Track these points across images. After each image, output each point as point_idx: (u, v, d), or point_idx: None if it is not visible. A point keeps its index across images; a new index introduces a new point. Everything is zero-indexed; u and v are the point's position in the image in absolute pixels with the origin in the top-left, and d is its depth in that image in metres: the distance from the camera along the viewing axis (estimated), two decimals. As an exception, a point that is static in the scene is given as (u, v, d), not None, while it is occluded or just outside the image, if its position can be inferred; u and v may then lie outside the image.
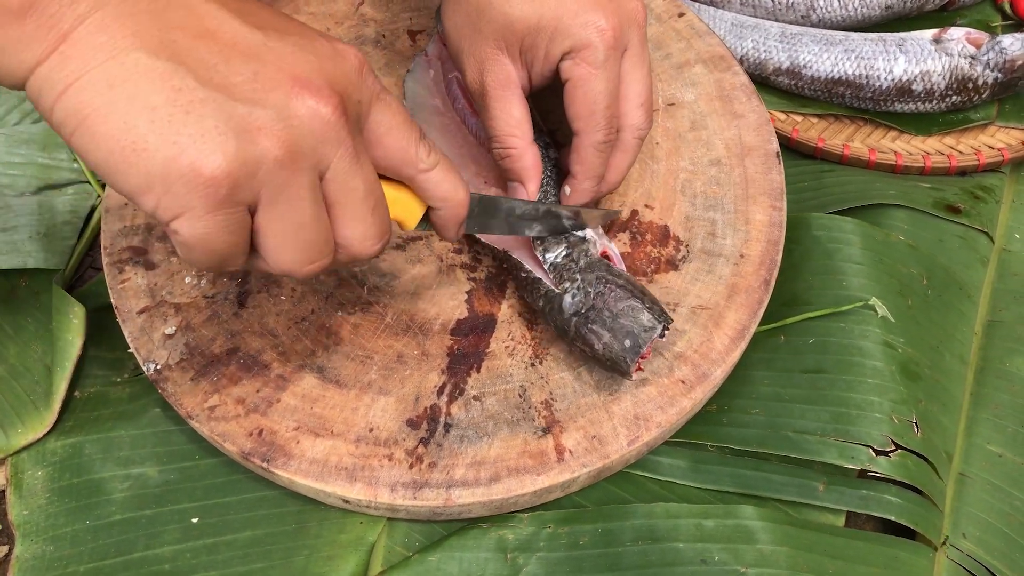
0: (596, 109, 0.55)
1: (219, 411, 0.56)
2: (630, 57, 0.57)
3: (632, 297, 0.55)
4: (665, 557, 0.56)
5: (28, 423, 0.60)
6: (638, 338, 0.54)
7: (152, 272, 0.61)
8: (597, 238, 0.59)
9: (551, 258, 0.58)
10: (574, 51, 0.54)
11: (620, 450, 0.56)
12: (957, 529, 0.60)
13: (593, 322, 0.55)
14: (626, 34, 0.56)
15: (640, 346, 0.54)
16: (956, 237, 0.73)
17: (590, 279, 0.56)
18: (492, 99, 0.58)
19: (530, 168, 0.59)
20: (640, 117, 0.58)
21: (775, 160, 0.67)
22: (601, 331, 0.55)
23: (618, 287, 0.55)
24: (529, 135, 0.58)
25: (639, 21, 0.57)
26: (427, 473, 0.54)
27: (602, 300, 0.55)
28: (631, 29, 0.56)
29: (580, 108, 0.56)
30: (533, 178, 0.59)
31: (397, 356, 0.59)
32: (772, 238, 0.64)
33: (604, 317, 0.55)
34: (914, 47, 0.78)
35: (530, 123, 0.59)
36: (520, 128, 0.58)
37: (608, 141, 0.57)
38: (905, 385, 0.63)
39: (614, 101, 0.56)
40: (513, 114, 0.58)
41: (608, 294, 0.55)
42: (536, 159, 0.59)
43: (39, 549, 0.56)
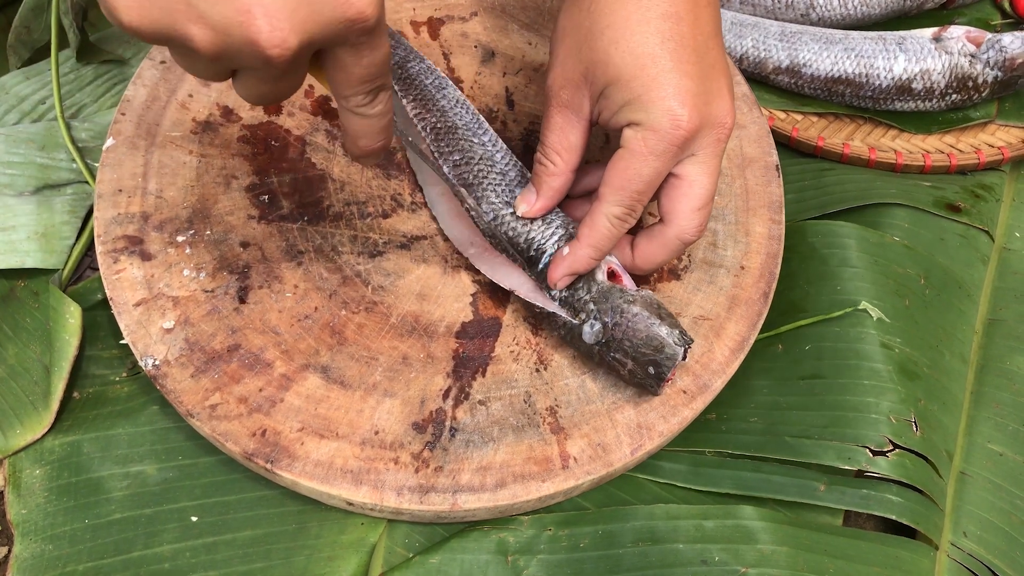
0: (627, 186, 0.54)
1: (221, 410, 0.55)
2: (696, 163, 0.55)
3: (650, 325, 0.54)
4: (665, 558, 0.56)
5: (27, 424, 0.60)
6: (662, 366, 0.54)
7: (148, 263, 0.60)
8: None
9: (556, 293, 0.57)
10: (642, 127, 0.53)
11: (623, 458, 0.56)
12: (958, 528, 0.61)
13: (615, 351, 0.55)
14: (701, 138, 0.54)
15: (665, 372, 0.54)
16: (956, 236, 0.74)
17: (605, 308, 0.55)
18: (556, 113, 0.57)
19: (554, 189, 0.58)
20: (692, 222, 0.56)
21: (775, 173, 0.68)
22: (624, 359, 0.55)
23: (635, 316, 0.54)
24: (573, 163, 0.57)
25: (720, 134, 0.54)
26: (433, 478, 0.54)
27: (620, 331, 0.54)
28: (708, 135, 0.54)
29: (614, 178, 0.54)
30: (548, 198, 0.58)
31: (402, 358, 0.58)
32: (771, 251, 0.64)
33: (625, 347, 0.55)
34: (914, 45, 0.78)
35: (580, 155, 0.58)
36: (568, 153, 0.57)
37: (623, 220, 0.55)
38: (903, 385, 0.63)
39: (649, 190, 0.54)
40: (569, 137, 0.57)
41: (625, 324, 0.54)
42: (563, 187, 0.58)
43: (38, 548, 0.56)
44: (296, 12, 0.39)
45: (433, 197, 0.65)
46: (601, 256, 0.57)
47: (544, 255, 0.58)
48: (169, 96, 0.66)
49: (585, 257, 0.56)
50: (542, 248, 0.58)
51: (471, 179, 0.61)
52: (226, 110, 0.67)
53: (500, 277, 0.60)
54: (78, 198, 0.70)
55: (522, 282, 0.59)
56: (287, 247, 0.62)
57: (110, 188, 0.62)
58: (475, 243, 0.62)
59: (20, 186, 0.69)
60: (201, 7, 0.38)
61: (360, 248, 0.62)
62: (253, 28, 0.39)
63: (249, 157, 0.65)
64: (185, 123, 0.65)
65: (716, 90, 0.54)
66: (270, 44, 0.39)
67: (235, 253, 0.61)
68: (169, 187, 0.63)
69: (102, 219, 0.61)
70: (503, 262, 0.60)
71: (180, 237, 0.61)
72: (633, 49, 0.52)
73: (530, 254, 0.58)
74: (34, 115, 0.75)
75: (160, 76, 0.67)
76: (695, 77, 0.52)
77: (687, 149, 0.53)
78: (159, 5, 0.39)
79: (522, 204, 0.59)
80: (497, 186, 0.60)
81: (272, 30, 0.39)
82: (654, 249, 0.57)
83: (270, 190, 0.64)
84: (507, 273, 0.60)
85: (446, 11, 0.74)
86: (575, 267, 0.56)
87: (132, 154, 0.63)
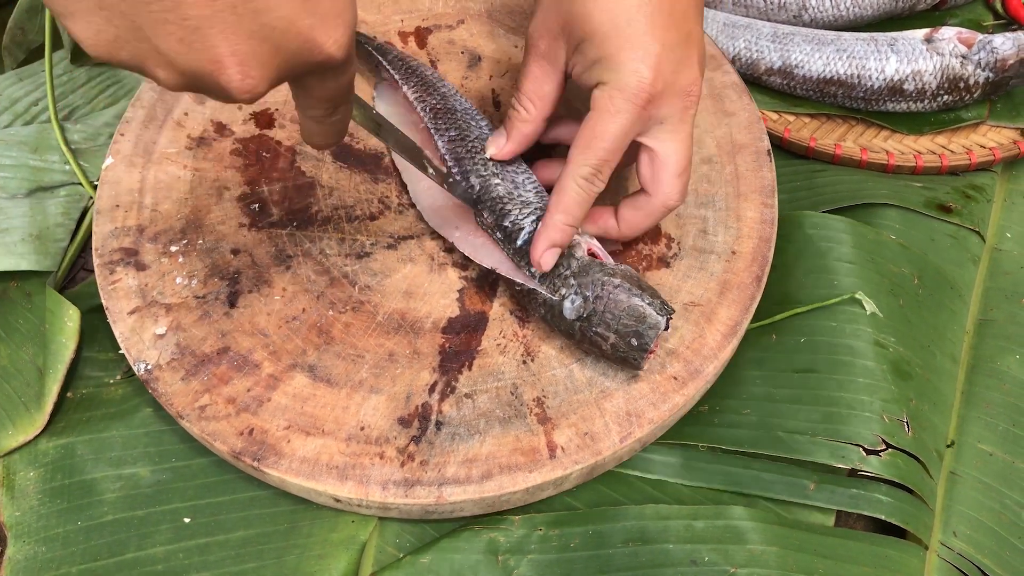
0: (593, 145, 0.55)
1: (209, 410, 0.56)
2: (668, 129, 0.56)
3: (632, 295, 0.55)
4: (655, 558, 0.56)
5: (19, 425, 0.60)
6: (644, 336, 0.54)
7: (143, 273, 0.61)
8: (579, 237, 0.58)
9: (532, 273, 0.58)
10: (609, 86, 0.54)
11: (612, 447, 0.56)
12: (948, 528, 0.60)
13: (597, 325, 0.55)
14: (665, 103, 0.55)
15: (648, 343, 0.54)
16: (947, 236, 0.73)
17: (586, 283, 0.56)
18: (533, 63, 0.58)
19: (524, 135, 0.60)
20: (674, 187, 0.57)
21: (766, 158, 0.68)
22: (607, 333, 0.55)
23: (615, 287, 0.55)
24: (545, 112, 0.59)
25: (687, 101, 0.55)
26: (418, 471, 0.54)
27: (602, 303, 0.55)
28: (675, 103, 0.55)
29: (583, 138, 0.55)
30: (517, 142, 0.60)
31: (388, 355, 0.59)
32: (764, 235, 0.64)
33: (607, 319, 0.55)
34: (905, 47, 0.78)
35: (554, 106, 0.59)
36: (542, 102, 0.59)
37: (590, 181, 0.56)
38: (896, 384, 0.63)
39: (616, 149, 0.55)
40: (544, 87, 0.58)
41: (607, 296, 0.55)
42: (533, 133, 0.60)
43: (31, 550, 0.56)
44: (268, 60, 0.40)
45: (418, 193, 0.65)
46: (574, 222, 0.57)
47: (522, 231, 0.58)
48: (166, 116, 0.68)
49: (559, 223, 0.56)
50: (519, 224, 0.59)
51: (463, 153, 0.62)
52: (219, 125, 0.68)
53: (482, 256, 0.60)
54: (71, 200, 0.71)
55: (502, 260, 0.60)
56: (276, 252, 0.63)
57: (108, 204, 0.64)
58: (460, 227, 0.62)
59: (13, 188, 0.70)
60: (171, 55, 0.39)
61: (348, 250, 0.63)
62: (224, 77, 0.40)
63: (241, 168, 0.66)
64: (180, 140, 0.67)
65: (686, 59, 0.55)
66: (240, 90, 0.40)
67: (226, 260, 0.62)
68: (164, 200, 0.64)
69: (100, 233, 0.62)
70: (484, 242, 0.61)
71: (173, 247, 0.62)
72: (612, 8, 0.53)
73: (506, 226, 0.59)
74: (27, 117, 0.76)
75: (157, 98, 0.69)
76: (666, 44, 0.53)
77: (652, 113, 0.54)
78: (127, 49, 0.39)
79: (491, 146, 0.61)
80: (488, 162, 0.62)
81: (243, 79, 0.40)
82: (640, 217, 0.59)
83: (261, 199, 0.65)
84: (489, 252, 0.60)
85: (433, 20, 0.76)
86: (552, 237, 0.56)
87: (130, 171, 0.65)
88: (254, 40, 0.39)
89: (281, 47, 0.40)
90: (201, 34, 0.38)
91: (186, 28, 0.38)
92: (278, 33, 0.39)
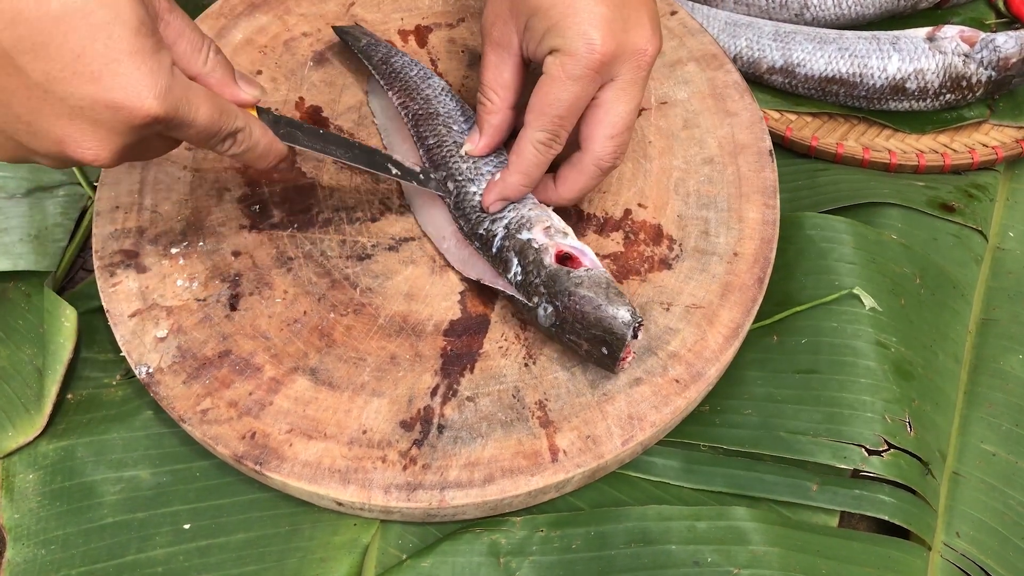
0: (547, 111, 0.56)
1: (211, 414, 0.56)
2: (615, 88, 0.56)
3: (598, 306, 0.54)
4: (658, 559, 0.56)
5: (19, 426, 0.60)
6: (612, 346, 0.54)
7: (144, 275, 0.61)
8: (546, 239, 0.58)
9: (512, 277, 0.58)
10: (560, 52, 0.55)
11: (614, 450, 0.56)
12: (951, 528, 0.60)
13: (569, 333, 0.55)
14: (617, 64, 0.55)
15: (617, 352, 0.54)
16: (950, 235, 0.73)
17: (554, 291, 0.55)
18: (490, 52, 0.59)
19: (494, 126, 0.61)
20: (606, 148, 0.58)
21: (768, 158, 0.67)
22: (579, 340, 0.55)
23: (581, 298, 0.54)
24: (510, 100, 0.60)
25: (639, 60, 0.56)
26: (421, 475, 0.54)
27: (570, 313, 0.55)
28: (626, 63, 0.56)
29: (536, 103, 0.57)
30: (490, 135, 0.61)
31: (390, 357, 0.59)
32: (766, 236, 0.64)
33: (576, 328, 0.55)
34: (908, 45, 0.78)
35: (517, 92, 0.60)
36: (504, 90, 0.60)
37: (547, 145, 0.57)
38: (898, 384, 0.63)
39: (570, 115, 0.56)
40: (504, 74, 0.59)
41: (574, 306, 0.54)
42: (503, 123, 0.61)
43: (31, 553, 0.56)
44: (96, 131, 0.45)
45: (410, 194, 0.66)
46: (531, 183, 0.59)
47: (495, 238, 0.59)
48: (165, 117, 0.67)
49: (515, 184, 0.59)
50: (493, 231, 0.59)
51: (439, 160, 0.63)
52: (219, 125, 0.67)
53: (469, 269, 0.61)
54: (70, 200, 0.70)
55: (486, 268, 0.60)
56: (277, 254, 0.62)
57: (108, 206, 0.63)
58: (446, 236, 0.63)
59: (12, 188, 0.70)
60: (30, 147, 0.46)
61: (349, 252, 0.63)
62: (71, 150, 0.46)
63: (241, 169, 0.66)
64: (180, 140, 0.67)
65: (635, 18, 0.55)
66: (93, 160, 0.46)
67: (227, 262, 0.62)
68: (164, 202, 0.64)
69: (99, 235, 0.62)
70: (471, 253, 0.61)
71: (174, 249, 0.62)
72: None
73: (481, 233, 0.59)
74: (24, 119, 0.75)
75: (157, 100, 0.68)
76: (612, 5, 0.54)
77: (605, 74, 0.55)
78: (5, 149, 0.47)
79: (467, 144, 0.62)
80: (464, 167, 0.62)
81: (85, 151, 0.46)
82: (574, 176, 0.59)
83: (261, 200, 0.65)
84: (475, 263, 0.61)
85: (433, 19, 0.75)
86: (505, 192, 0.59)
87: (129, 172, 0.65)
88: (75, 121, 0.44)
89: (100, 121, 0.45)
90: (36, 126, 0.45)
91: (26, 123, 0.45)
92: (88, 111, 0.44)
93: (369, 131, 0.68)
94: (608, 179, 0.66)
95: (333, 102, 0.70)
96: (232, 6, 0.73)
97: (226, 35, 0.72)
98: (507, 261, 0.58)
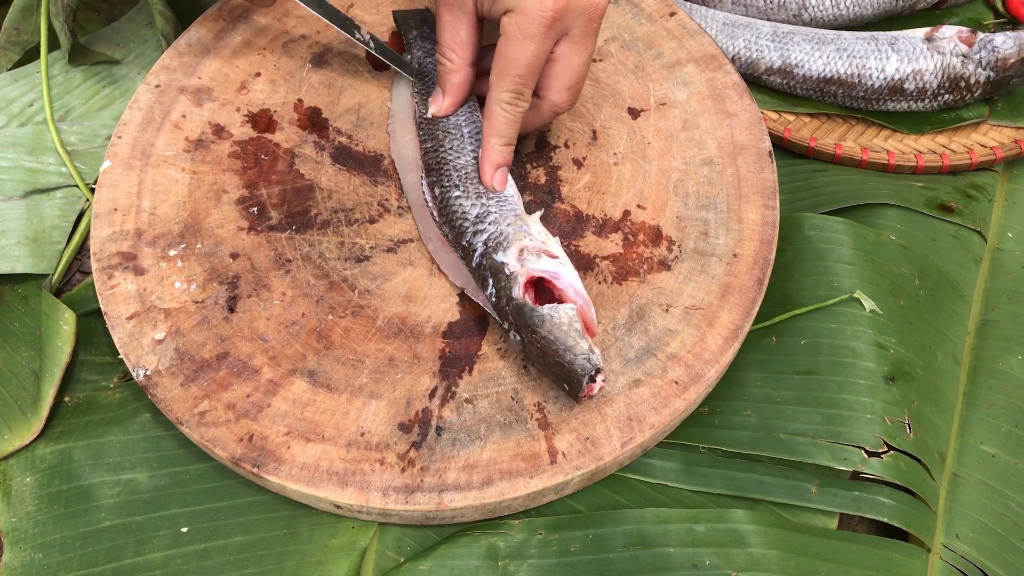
0: (508, 71, 0.59)
1: (209, 416, 0.56)
2: (570, 42, 0.59)
3: (557, 350, 0.53)
4: (656, 562, 0.56)
5: (15, 429, 0.60)
6: (572, 385, 0.54)
7: (142, 277, 0.61)
8: (517, 266, 0.56)
9: (487, 296, 0.58)
10: (515, 12, 0.57)
11: (613, 452, 0.56)
12: (950, 530, 0.60)
13: (535, 363, 0.56)
14: (570, 19, 0.58)
15: (576, 393, 0.54)
16: (949, 236, 0.73)
17: (520, 325, 0.55)
18: (445, 12, 0.61)
19: (456, 85, 0.63)
20: (562, 98, 0.62)
21: (768, 159, 0.67)
22: (545, 371, 0.56)
23: (542, 339, 0.54)
24: (468, 57, 0.62)
25: (591, 13, 0.58)
26: (419, 477, 0.54)
27: (533, 349, 0.55)
28: (578, 17, 0.58)
29: (498, 65, 0.59)
30: (453, 94, 0.63)
31: (388, 359, 0.58)
32: (765, 237, 0.64)
33: (539, 364, 0.56)
34: (906, 46, 0.78)
35: (474, 49, 0.62)
36: (462, 48, 0.62)
37: (514, 104, 0.60)
38: (897, 386, 0.63)
39: (531, 72, 0.59)
40: (460, 33, 0.61)
41: (536, 345, 0.54)
42: (464, 81, 0.63)
43: (28, 557, 0.56)
44: None
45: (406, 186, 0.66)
46: (510, 141, 0.61)
47: (475, 253, 0.59)
48: (163, 118, 0.68)
49: (494, 147, 0.61)
50: (474, 245, 0.59)
51: (433, 164, 0.63)
52: (217, 128, 0.68)
53: (455, 275, 0.61)
54: (68, 202, 0.70)
55: (469, 279, 0.60)
56: (275, 256, 0.62)
57: (106, 208, 0.63)
58: (432, 239, 0.63)
59: (9, 191, 0.70)
60: None
61: (347, 254, 0.62)
62: None
63: (239, 171, 0.66)
64: (178, 142, 0.67)
65: None
66: None
67: (225, 264, 0.62)
68: (162, 204, 0.64)
69: (98, 237, 0.62)
70: (456, 259, 0.61)
71: (172, 251, 0.62)
72: None
73: (464, 245, 0.60)
74: (22, 118, 0.75)
75: (155, 99, 0.69)
76: None
77: (559, 29, 0.58)
78: None
79: (432, 105, 0.64)
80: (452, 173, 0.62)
81: None
82: (529, 116, 0.62)
83: (260, 202, 0.65)
84: (460, 271, 0.61)
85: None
86: (492, 160, 0.61)
87: (127, 174, 0.65)
88: None
89: None
90: None
91: None
92: None
93: (368, 132, 0.68)
94: (608, 180, 0.66)
95: (332, 104, 0.70)
96: (231, 8, 0.73)
97: (225, 37, 0.72)
98: (485, 279, 0.58)
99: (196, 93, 0.69)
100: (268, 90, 0.70)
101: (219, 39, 0.72)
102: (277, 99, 0.69)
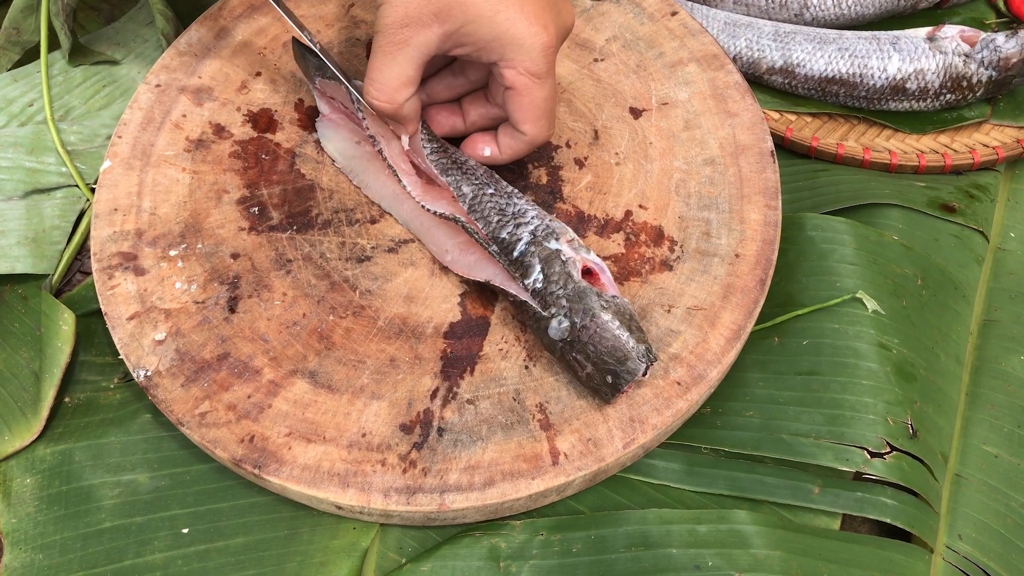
0: (539, 116, 0.59)
1: (210, 417, 0.56)
2: None
3: (618, 336, 0.54)
4: (658, 563, 0.56)
5: (15, 430, 0.60)
6: (620, 377, 0.54)
7: (142, 278, 0.60)
8: (573, 252, 0.57)
9: (530, 283, 0.57)
10: (520, 60, 0.56)
11: (615, 453, 0.56)
12: (953, 531, 0.60)
13: (578, 352, 0.55)
14: (561, 42, 0.59)
15: (622, 385, 0.54)
16: (951, 236, 0.73)
17: (577, 308, 0.55)
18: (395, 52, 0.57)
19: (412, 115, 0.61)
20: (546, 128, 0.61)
21: (770, 159, 0.67)
22: (585, 362, 0.55)
23: (604, 323, 0.54)
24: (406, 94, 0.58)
25: (569, 30, 0.60)
26: (420, 478, 0.54)
27: (587, 333, 0.54)
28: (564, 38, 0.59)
29: (527, 113, 0.59)
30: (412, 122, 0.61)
31: (390, 360, 0.58)
32: (767, 237, 0.64)
33: (588, 350, 0.54)
34: (908, 45, 0.78)
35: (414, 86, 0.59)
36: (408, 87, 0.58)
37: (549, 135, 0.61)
38: (900, 386, 0.63)
39: (551, 105, 0.59)
40: (408, 71, 0.58)
41: (594, 329, 0.54)
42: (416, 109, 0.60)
43: (28, 558, 0.56)
44: None
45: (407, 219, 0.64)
46: None
47: (519, 243, 0.58)
48: (163, 117, 0.68)
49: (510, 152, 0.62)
50: (517, 235, 0.58)
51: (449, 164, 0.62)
52: (218, 127, 0.67)
53: (476, 272, 0.60)
54: (68, 202, 0.70)
55: (496, 272, 0.59)
56: (276, 256, 0.62)
57: (106, 208, 0.63)
58: (449, 249, 0.62)
59: (9, 191, 0.69)
60: None
61: (348, 254, 0.62)
62: None
63: (240, 171, 0.66)
64: (178, 142, 0.67)
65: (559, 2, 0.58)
66: None
67: (225, 264, 0.62)
68: (163, 204, 0.64)
69: (98, 238, 0.62)
70: (479, 258, 0.60)
71: (173, 251, 0.62)
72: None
73: (503, 238, 0.58)
74: (22, 118, 0.75)
75: (155, 99, 0.69)
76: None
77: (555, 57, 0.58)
78: None
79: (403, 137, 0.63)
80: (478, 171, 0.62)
81: None
82: (520, 147, 0.62)
83: (260, 202, 0.64)
84: (483, 267, 0.60)
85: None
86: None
87: (127, 174, 0.65)
88: None
89: None
90: None
91: None
92: None
93: (368, 132, 0.68)
94: (609, 180, 0.66)
95: (332, 103, 0.69)
96: (231, 7, 0.73)
97: (225, 36, 0.72)
98: (528, 267, 0.57)
99: (196, 93, 0.69)
100: (269, 90, 0.69)
101: (219, 39, 0.71)
102: (278, 99, 0.69)
